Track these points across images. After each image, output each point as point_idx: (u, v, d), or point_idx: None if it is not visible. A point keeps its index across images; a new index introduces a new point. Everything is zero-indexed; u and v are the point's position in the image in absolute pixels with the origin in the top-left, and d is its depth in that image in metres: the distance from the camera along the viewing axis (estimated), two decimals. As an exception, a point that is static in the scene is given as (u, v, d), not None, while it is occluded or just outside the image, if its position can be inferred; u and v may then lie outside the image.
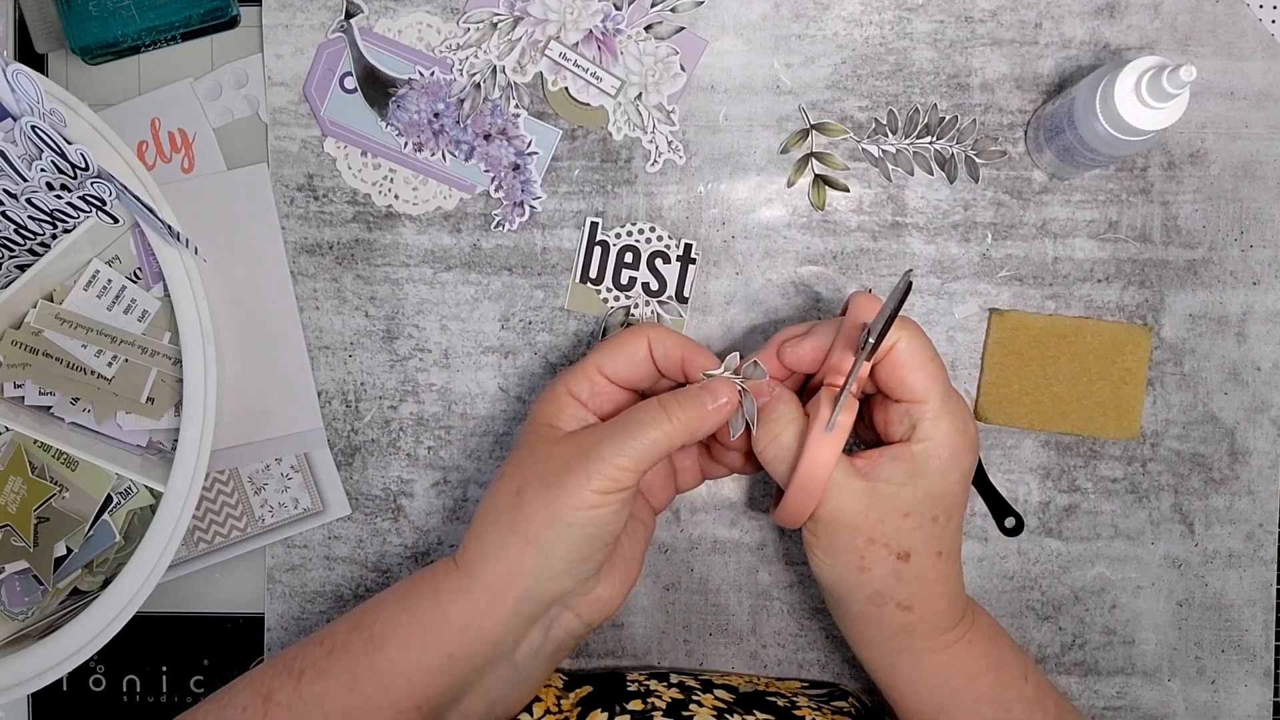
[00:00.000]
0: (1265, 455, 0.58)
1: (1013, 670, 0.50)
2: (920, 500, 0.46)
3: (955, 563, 0.49)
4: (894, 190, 0.58)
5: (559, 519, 0.45)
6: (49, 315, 0.54)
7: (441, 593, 0.47)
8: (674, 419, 0.46)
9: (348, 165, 0.58)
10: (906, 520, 0.46)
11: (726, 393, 0.47)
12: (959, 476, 0.47)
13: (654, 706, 0.49)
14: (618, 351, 0.49)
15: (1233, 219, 0.58)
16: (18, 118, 0.47)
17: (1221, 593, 0.58)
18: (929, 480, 0.46)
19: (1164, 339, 0.58)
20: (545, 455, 0.47)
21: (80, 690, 0.59)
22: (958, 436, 0.46)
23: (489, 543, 0.47)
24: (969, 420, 0.48)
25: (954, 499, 0.47)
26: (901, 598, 0.47)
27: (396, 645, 0.46)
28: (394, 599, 0.48)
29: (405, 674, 0.46)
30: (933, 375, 0.46)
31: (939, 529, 0.47)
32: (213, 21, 0.58)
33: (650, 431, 0.45)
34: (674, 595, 0.59)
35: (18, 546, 0.54)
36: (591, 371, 0.49)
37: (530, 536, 0.45)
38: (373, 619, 0.47)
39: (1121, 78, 0.49)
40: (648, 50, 0.58)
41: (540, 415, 0.49)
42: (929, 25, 0.58)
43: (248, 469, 0.58)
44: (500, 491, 0.47)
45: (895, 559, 0.46)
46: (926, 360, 0.47)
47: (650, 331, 0.49)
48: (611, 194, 0.58)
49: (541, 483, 0.46)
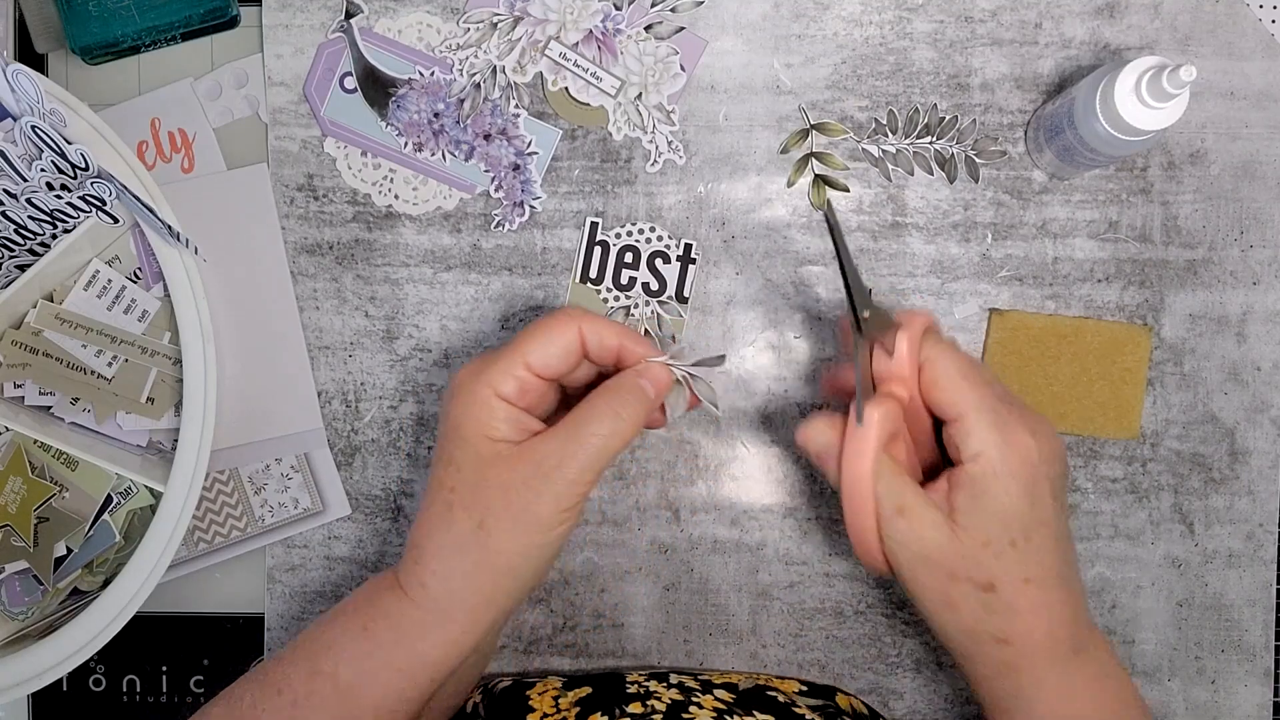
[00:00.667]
0: (1265, 455, 0.58)
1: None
2: (992, 524, 0.44)
3: (1055, 589, 0.45)
4: (894, 190, 0.58)
5: (531, 545, 0.44)
6: (49, 315, 0.54)
7: (407, 632, 0.45)
8: (625, 417, 0.45)
9: (348, 165, 0.58)
10: (986, 549, 0.44)
11: (666, 378, 0.47)
12: (1021, 491, 0.44)
13: (653, 709, 0.49)
14: (548, 344, 0.45)
15: (1233, 219, 0.58)
16: (18, 118, 0.47)
17: (1221, 593, 0.58)
18: (992, 501, 0.44)
19: (1164, 339, 0.58)
20: (501, 483, 0.44)
21: (80, 690, 0.59)
22: (1011, 449, 0.44)
23: (454, 578, 0.44)
24: (1028, 430, 0.45)
25: (1028, 517, 0.44)
26: (995, 631, 0.45)
27: (374, 690, 0.44)
28: (349, 641, 0.45)
29: (389, 709, 0.45)
30: (966, 389, 0.45)
31: (1019, 554, 0.44)
32: (213, 21, 0.58)
33: (608, 438, 0.44)
34: (674, 595, 0.59)
35: (18, 546, 0.54)
36: (518, 368, 0.45)
37: (502, 568, 0.44)
38: (331, 664, 0.45)
39: (1121, 78, 0.49)
40: (648, 50, 0.58)
41: (470, 426, 0.45)
42: (929, 25, 0.58)
43: (248, 469, 0.58)
44: (455, 524, 0.45)
45: (981, 592, 0.44)
46: (956, 375, 0.45)
47: (582, 320, 0.46)
48: (611, 194, 0.58)
49: (507, 514, 0.44)
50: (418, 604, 0.45)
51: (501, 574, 0.44)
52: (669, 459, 0.58)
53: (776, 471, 0.58)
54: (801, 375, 0.58)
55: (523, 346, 0.45)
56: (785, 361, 0.58)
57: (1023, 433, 0.45)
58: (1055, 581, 0.45)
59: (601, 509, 0.58)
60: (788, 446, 0.58)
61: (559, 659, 0.58)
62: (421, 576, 0.45)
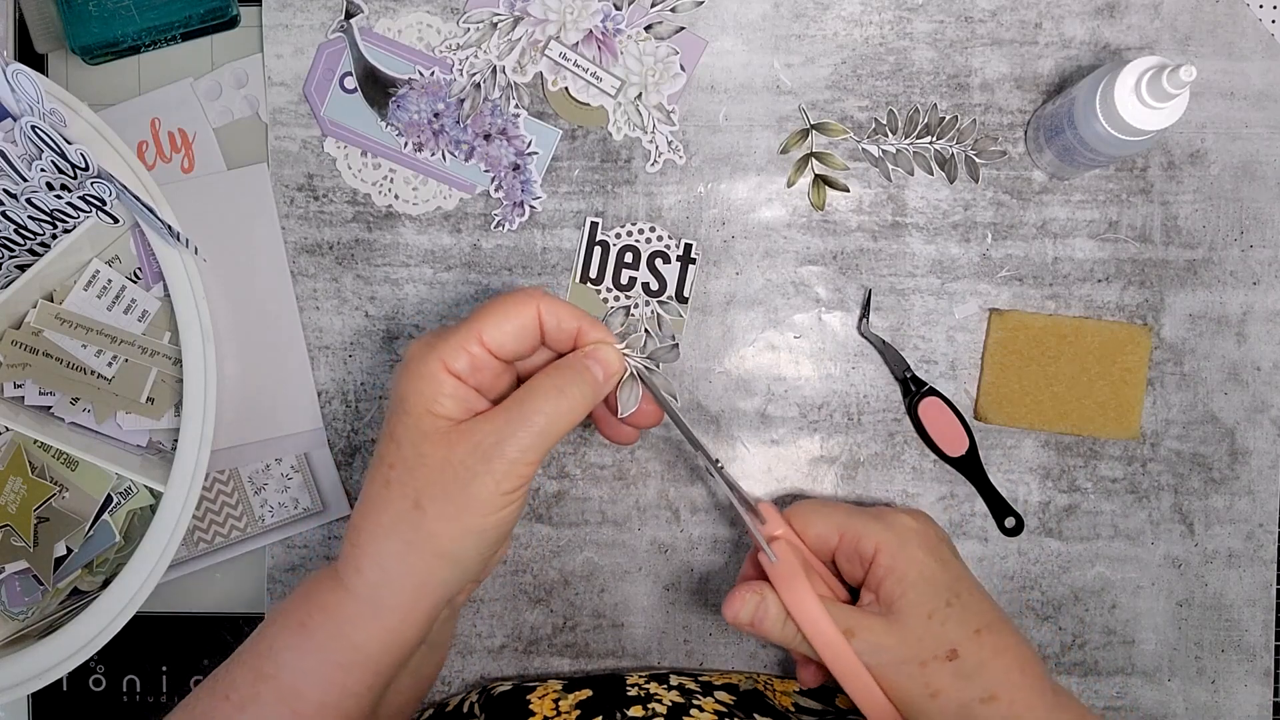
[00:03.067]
0: (1265, 455, 0.58)
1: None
2: (923, 595, 0.47)
3: (1007, 633, 0.48)
4: (894, 190, 0.58)
5: (469, 530, 0.42)
6: (49, 315, 0.54)
7: (344, 624, 0.43)
8: (570, 395, 0.43)
9: (348, 165, 0.58)
10: (931, 620, 0.47)
11: (617, 363, 0.45)
12: (927, 555, 0.48)
13: (654, 712, 0.49)
14: (504, 322, 0.43)
15: (1233, 219, 0.58)
16: (18, 118, 0.47)
17: (1221, 593, 0.58)
18: (910, 574, 0.47)
19: (1164, 339, 0.58)
20: (439, 460, 0.42)
21: (80, 690, 0.59)
22: (897, 529, 0.49)
23: (389, 562, 0.43)
24: (899, 512, 0.51)
25: (946, 575, 0.48)
26: (979, 693, 0.46)
27: (316, 689, 0.43)
28: (287, 641, 0.44)
29: (335, 708, 0.43)
30: (837, 514, 0.50)
31: (960, 609, 0.47)
32: (213, 21, 0.58)
33: (550, 417, 0.42)
34: (674, 595, 0.59)
35: (18, 546, 0.54)
36: (472, 343, 0.43)
37: (439, 551, 0.42)
38: (274, 666, 0.43)
39: (1121, 78, 0.49)
40: (648, 50, 0.58)
41: (414, 399, 0.43)
42: (929, 25, 0.58)
43: (248, 469, 0.58)
44: (392, 504, 0.43)
45: (948, 662, 0.46)
46: (819, 508, 0.50)
47: (541, 301, 0.44)
48: (611, 194, 0.58)
49: (444, 494, 0.42)
50: (353, 592, 0.43)
51: (437, 558, 0.42)
52: (669, 459, 0.58)
53: (776, 471, 0.58)
54: (802, 376, 0.58)
55: (478, 322, 0.43)
56: (785, 361, 0.58)
57: (899, 515, 0.50)
58: (1003, 627, 0.48)
59: (601, 509, 0.58)
60: (788, 446, 0.58)
61: (559, 659, 0.58)
62: (358, 561, 0.43)
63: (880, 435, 0.58)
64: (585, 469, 0.58)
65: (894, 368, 0.58)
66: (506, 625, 0.58)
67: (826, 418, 0.58)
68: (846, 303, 0.58)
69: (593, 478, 0.58)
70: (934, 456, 0.58)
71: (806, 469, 0.58)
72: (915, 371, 0.58)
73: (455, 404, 0.43)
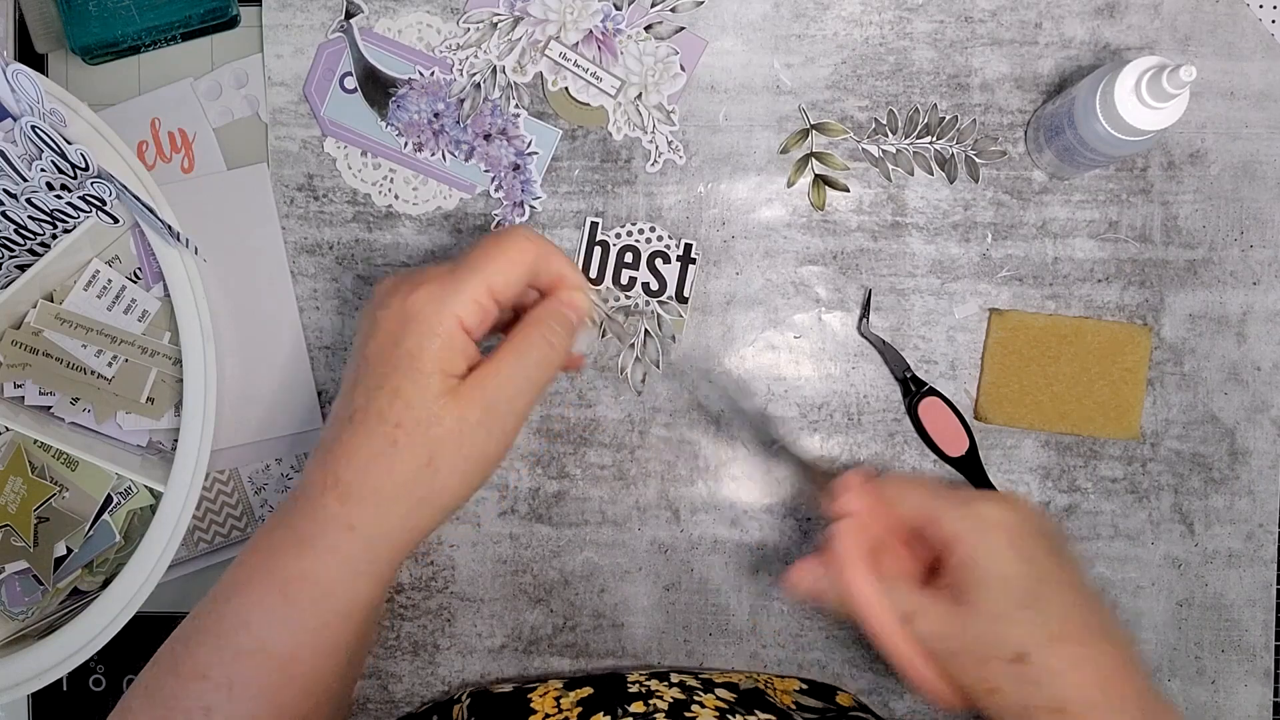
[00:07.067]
0: (1265, 455, 0.58)
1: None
2: (995, 595, 0.44)
3: (1093, 642, 0.44)
4: (894, 190, 0.58)
5: (476, 485, 0.44)
6: (49, 315, 0.54)
7: (333, 585, 0.42)
8: (558, 346, 0.45)
9: (348, 165, 0.58)
10: (999, 622, 0.44)
11: (586, 309, 0.47)
12: (1009, 553, 0.45)
13: (655, 708, 0.49)
14: (509, 270, 0.43)
15: (1233, 219, 0.58)
16: (18, 118, 0.47)
17: (1221, 593, 0.58)
18: (986, 571, 0.44)
19: (1164, 339, 0.58)
20: (454, 420, 0.42)
21: (80, 690, 0.59)
22: (982, 519, 0.45)
23: (392, 520, 0.42)
24: (991, 501, 0.46)
25: (1028, 578, 0.44)
26: (1046, 701, 0.43)
27: (306, 653, 0.42)
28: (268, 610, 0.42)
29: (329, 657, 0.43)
30: (924, 494, 0.47)
31: (1036, 614, 0.44)
32: (213, 21, 0.58)
33: (547, 371, 0.44)
34: (674, 595, 0.59)
35: (18, 546, 0.54)
36: (483, 294, 0.43)
37: (445, 506, 0.43)
38: (255, 640, 0.42)
39: (1121, 78, 0.49)
40: (648, 50, 0.58)
41: (428, 359, 0.42)
42: (929, 25, 0.58)
43: (248, 469, 0.58)
44: (401, 463, 0.42)
45: (1012, 665, 0.43)
46: (906, 487, 0.48)
47: (537, 245, 0.45)
48: (611, 194, 0.58)
49: (458, 452, 0.42)
50: (340, 552, 0.42)
51: (442, 512, 0.43)
52: (669, 459, 0.58)
53: (776, 471, 0.58)
54: (802, 376, 0.58)
55: (484, 268, 0.43)
56: (785, 361, 0.58)
57: (986, 503, 0.46)
58: (1089, 635, 0.44)
59: (601, 509, 0.58)
60: (787, 446, 0.58)
61: (559, 659, 0.58)
62: (350, 518, 0.42)
63: (880, 435, 0.58)
64: (585, 469, 0.58)
65: (894, 368, 0.58)
66: (506, 625, 0.58)
67: (826, 418, 0.58)
68: (846, 303, 0.58)
69: (593, 478, 0.58)
70: (934, 457, 0.58)
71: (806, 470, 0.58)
72: (915, 371, 0.58)
73: (465, 360, 0.43)
